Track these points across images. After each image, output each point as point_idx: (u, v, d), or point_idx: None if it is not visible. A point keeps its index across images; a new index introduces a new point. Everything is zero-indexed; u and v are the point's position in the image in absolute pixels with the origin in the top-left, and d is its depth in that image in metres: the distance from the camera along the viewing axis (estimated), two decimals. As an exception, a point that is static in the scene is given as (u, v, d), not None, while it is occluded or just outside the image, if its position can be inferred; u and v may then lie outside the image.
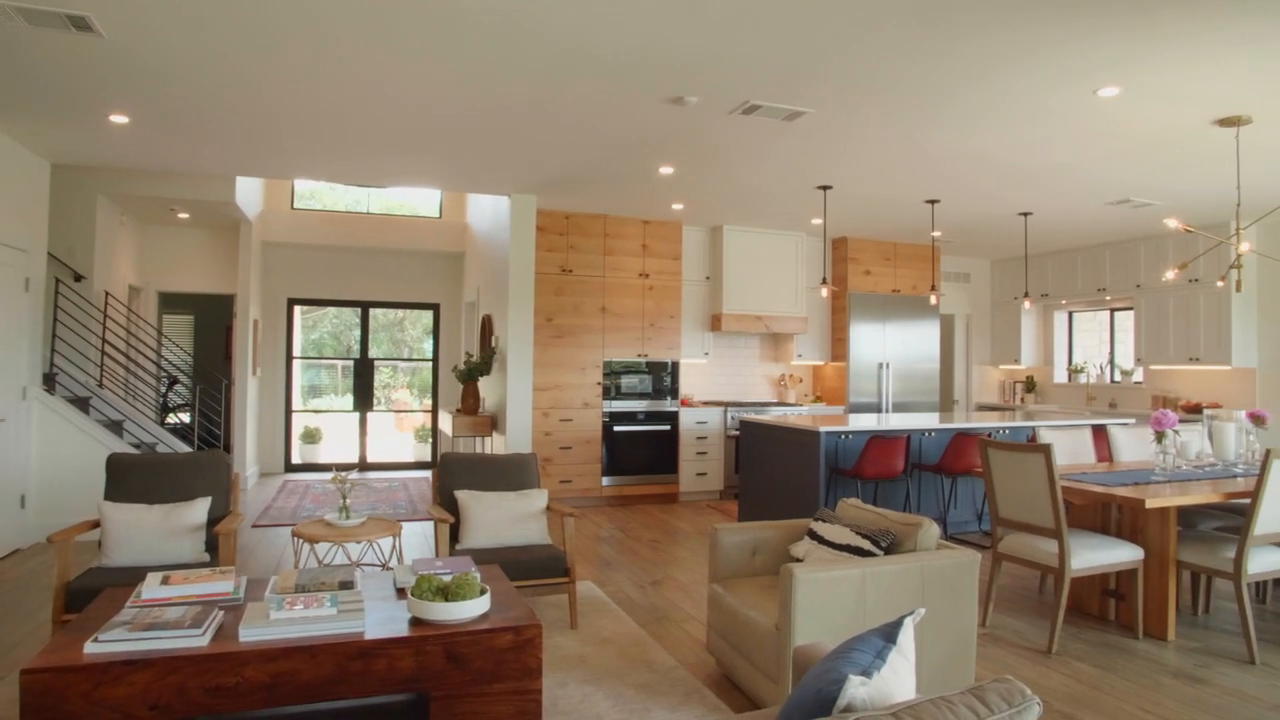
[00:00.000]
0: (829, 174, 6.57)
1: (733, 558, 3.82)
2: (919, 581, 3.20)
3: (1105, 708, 3.46)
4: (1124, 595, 4.56)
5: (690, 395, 9.21)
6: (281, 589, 3.00)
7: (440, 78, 4.48)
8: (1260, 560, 4.17)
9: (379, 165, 6.49)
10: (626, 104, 4.89)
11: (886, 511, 3.61)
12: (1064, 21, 3.65)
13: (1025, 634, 4.42)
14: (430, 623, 2.78)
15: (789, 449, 6.55)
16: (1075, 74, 4.30)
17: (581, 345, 8.22)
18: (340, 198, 10.65)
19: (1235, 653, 4.13)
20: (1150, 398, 9.28)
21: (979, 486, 7.08)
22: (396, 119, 5.25)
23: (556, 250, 8.14)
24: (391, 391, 11.79)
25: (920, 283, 9.89)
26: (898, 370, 9.68)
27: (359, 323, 10.92)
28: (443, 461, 4.79)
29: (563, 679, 3.63)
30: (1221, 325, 8.32)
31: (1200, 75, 4.30)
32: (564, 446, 8.09)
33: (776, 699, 3.09)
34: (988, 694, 1.41)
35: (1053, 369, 10.84)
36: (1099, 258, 9.68)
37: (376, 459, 10.95)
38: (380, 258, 10.74)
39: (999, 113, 4.96)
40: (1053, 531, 4.19)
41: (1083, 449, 5.80)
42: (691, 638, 4.28)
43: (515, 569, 4.11)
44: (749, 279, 9.02)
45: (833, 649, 1.72)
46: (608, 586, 5.25)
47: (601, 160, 6.24)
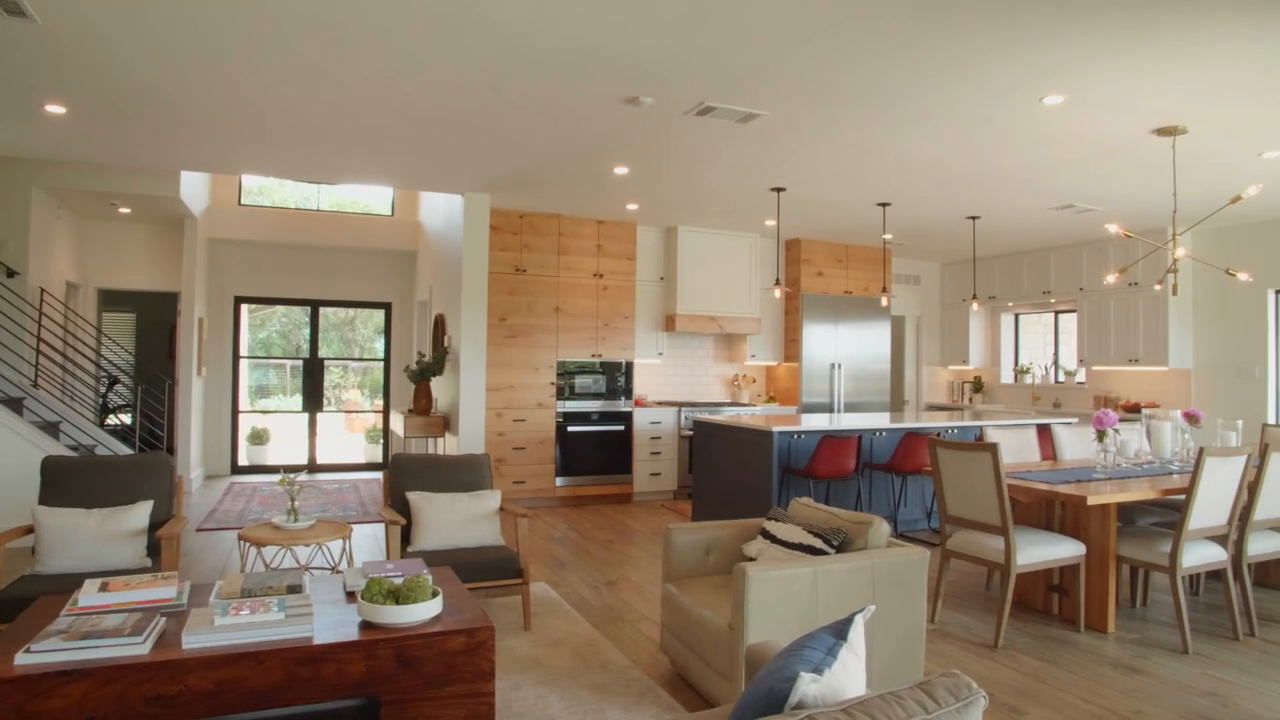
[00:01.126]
0: (782, 176, 6.63)
1: (686, 557, 3.83)
2: (870, 579, 3.24)
3: (1048, 699, 3.55)
4: (1067, 590, 4.68)
5: (644, 395, 9.22)
6: (227, 594, 2.93)
7: (392, 73, 4.42)
8: (1194, 554, 4.31)
9: (330, 161, 6.38)
10: (581, 103, 4.88)
11: (838, 510, 3.65)
12: (1011, 29, 3.73)
13: (973, 629, 4.51)
14: (381, 626, 2.74)
15: (742, 449, 6.60)
16: (1022, 81, 4.40)
17: (535, 345, 8.18)
18: (290, 194, 10.45)
19: (1171, 643, 4.27)
20: (1092, 398, 9.54)
21: (928, 485, 7.20)
22: (348, 115, 5.16)
23: (510, 250, 8.09)
24: (342, 392, 11.60)
25: (872, 284, 10.03)
26: (849, 371, 9.81)
27: (308, 322, 10.73)
28: (394, 462, 4.73)
29: (516, 681, 3.60)
30: (1159, 328, 8.59)
31: (1140, 86, 4.43)
32: (517, 447, 8.05)
33: (730, 697, 3.11)
34: (935, 688, 1.43)
35: (1000, 369, 11.08)
36: (1044, 261, 9.92)
37: (326, 460, 10.76)
38: (331, 255, 10.56)
39: (948, 118, 5.05)
40: (999, 529, 4.28)
41: (1028, 448, 5.94)
42: (645, 638, 4.28)
43: (468, 571, 4.07)
44: (703, 280, 9.06)
45: (785, 647, 1.74)
46: (561, 587, 5.23)
47: (556, 160, 6.22)
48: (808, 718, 1.34)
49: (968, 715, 1.40)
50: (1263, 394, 8.05)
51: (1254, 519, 4.50)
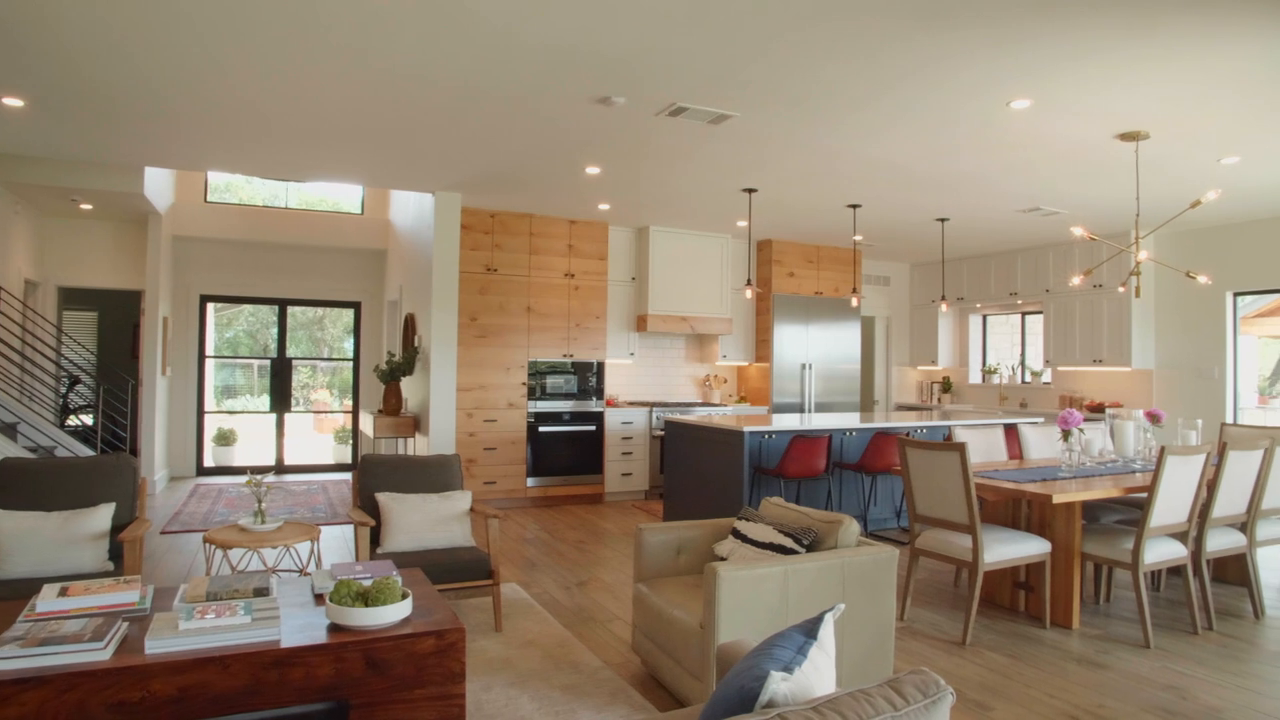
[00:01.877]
0: (754, 177, 6.66)
1: (658, 557, 3.83)
2: (840, 578, 3.26)
3: (1015, 695, 3.60)
4: (1033, 587, 4.75)
5: (616, 395, 9.22)
6: (191, 597, 2.89)
7: (362, 69, 4.38)
8: (1156, 551, 4.39)
9: (298, 159, 6.30)
10: (553, 102, 4.86)
11: (808, 510, 3.67)
12: (980, 34, 3.77)
13: (941, 626, 4.56)
14: (350, 629, 2.71)
15: (713, 449, 6.61)
16: (990, 85, 4.45)
17: (506, 345, 8.14)
18: (257, 191, 10.31)
19: (1133, 638, 4.35)
20: (1058, 398, 9.69)
21: (898, 484, 7.27)
22: (317, 111, 5.10)
23: (481, 249, 8.04)
24: (310, 392, 11.48)
25: (842, 285, 10.11)
26: (820, 371, 9.88)
27: (276, 321, 10.59)
28: (363, 463, 4.68)
29: (487, 682, 3.58)
30: (1122, 329, 8.75)
31: (1104, 92, 4.50)
32: (488, 447, 8.00)
33: (701, 697, 3.11)
34: (904, 685, 1.44)
35: (968, 370, 11.22)
36: (1011, 263, 10.06)
37: (294, 461, 10.63)
38: (299, 254, 10.43)
39: (918, 121, 5.10)
40: (967, 527, 4.33)
41: (995, 447, 6.02)
42: (617, 638, 4.28)
43: (438, 572, 4.04)
44: (675, 280, 9.08)
45: (756, 646, 1.74)
46: (533, 588, 5.21)
47: (528, 159, 6.19)
48: (778, 716, 1.35)
49: (935, 712, 1.42)
50: (1221, 394, 8.23)
51: (1212, 516, 4.59)
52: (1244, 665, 4.00)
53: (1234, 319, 8.31)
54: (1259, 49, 3.88)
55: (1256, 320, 11.43)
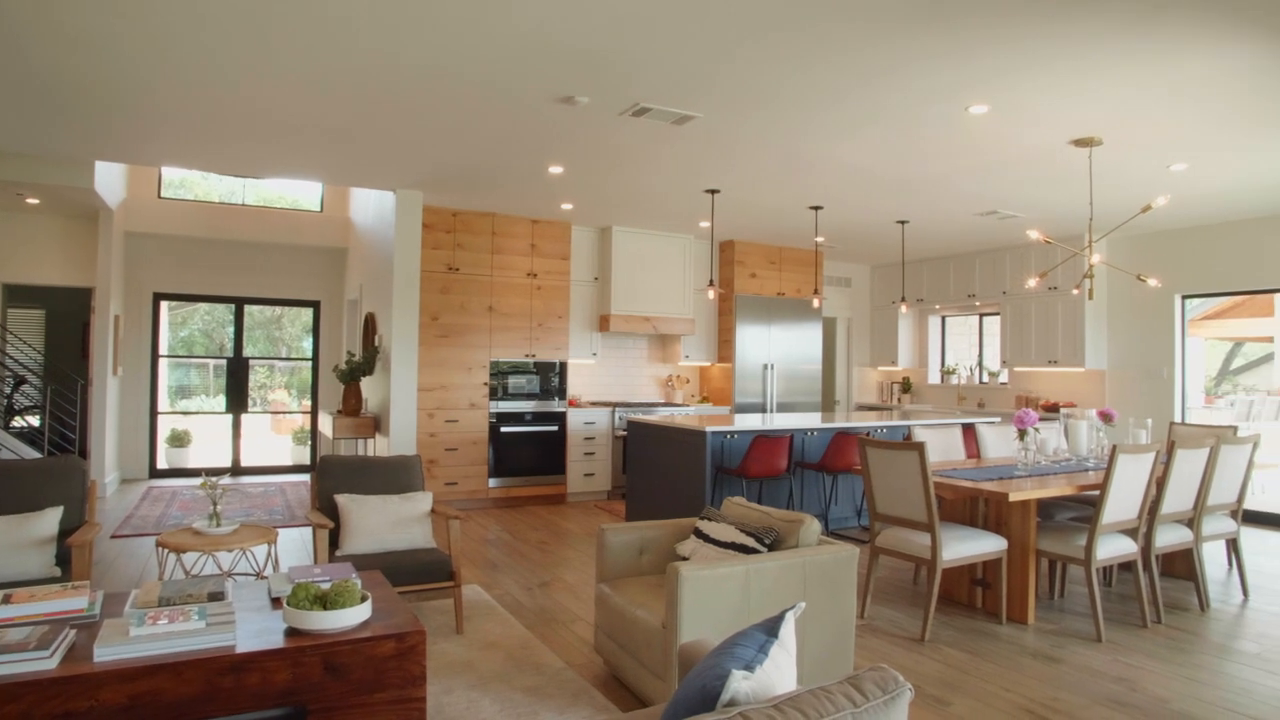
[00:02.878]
0: (717, 178, 6.69)
1: (620, 558, 3.83)
2: (801, 576, 3.28)
3: (972, 689, 3.66)
4: (990, 583, 4.83)
5: (578, 396, 9.20)
6: (143, 603, 2.82)
7: (321, 64, 4.31)
8: (1107, 547, 4.49)
9: (254, 155, 6.19)
10: (516, 101, 4.83)
11: (770, 509, 3.69)
12: (938, 40, 3.83)
13: (901, 623, 4.61)
14: (307, 633, 2.67)
15: (676, 449, 6.63)
16: (949, 91, 4.52)
17: (468, 345, 8.08)
18: (213, 187, 10.12)
19: (1086, 632, 4.44)
20: (1014, 397, 9.87)
21: (859, 484, 7.35)
22: (271, 107, 5.02)
23: (443, 248, 7.98)
24: (268, 392, 11.29)
25: (804, 286, 10.19)
26: (782, 371, 9.95)
27: (233, 320, 10.40)
28: (322, 464, 4.62)
29: (448, 685, 3.55)
30: (1077, 330, 8.93)
31: (1059, 98, 4.60)
32: (450, 448, 7.94)
33: (664, 696, 3.11)
34: (863, 682, 1.46)
35: (927, 370, 11.38)
36: (970, 265, 10.23)
37: (251, 463, 10.44)
38: (257, 252, 10.25)
39: (879, 124, 5.16)
40: (926, 525, 4.39)
41: (953, 446, 6.11)
42: (579, 639, 4.26)
43: (398, 574, 4.00)
44: (637, 280, 9.08)
45: (717, 645, 1.75)
46: (494, 589, 5.18)
47: (490, 157, 6.15)
48: (739, 715, 1.35)
49: (894, 708, 1.43)
50: (1170, 394, 8.44)
51: (1161, 513, 4.71)
52: (1190, 657, 4.11)
53: (1182, 321, 8.53)
54: (1207, 60, 3.99)
55: (1204, 323, 11.77)
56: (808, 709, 1.36)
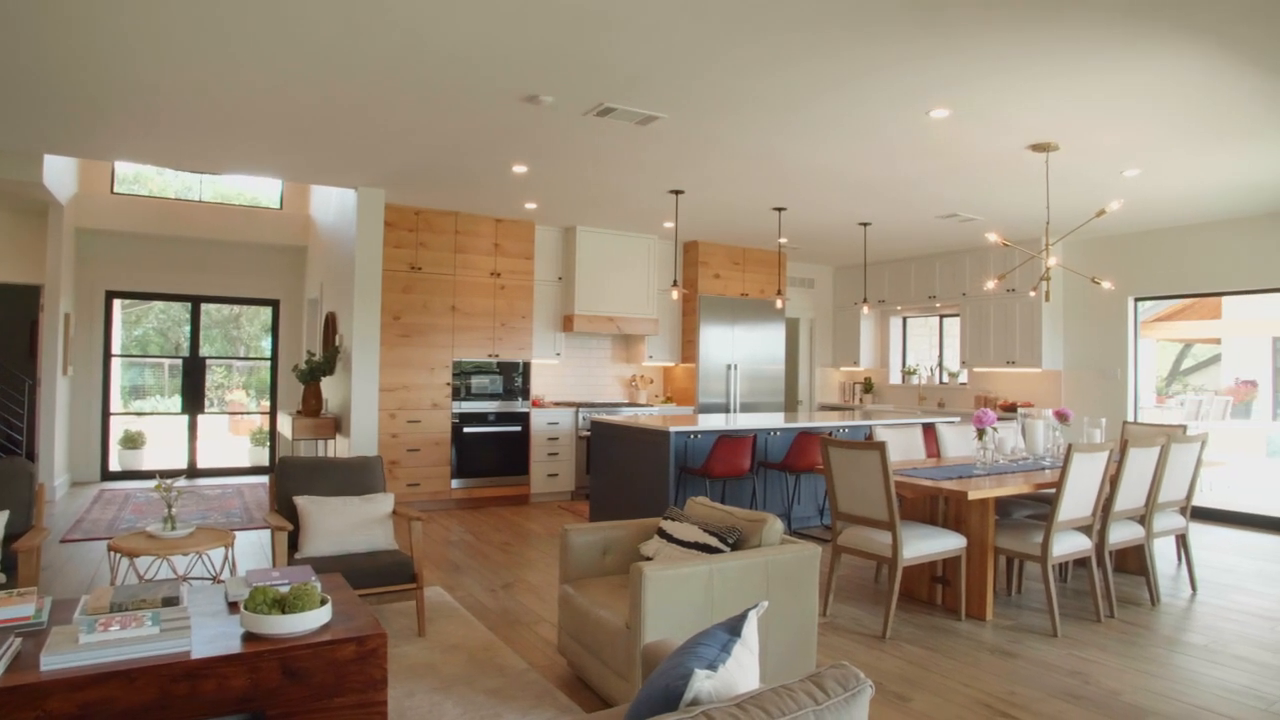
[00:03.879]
0: (681, 179, 6.70)
1: (583, 558, 3.82)
2: (763, 576, 3.30)
3: (932, 685, 3.71)
4: (949, 581, 4.90)
5: (542, 396, 9.16)
6: (94, 609, 2.75)
7: (281, 60, 4.24)
8: (1063, 544, 4.58)
9: (211, 150, 6.07)
10: (480, 100, 4.80)
11: (733, 509, 3.71)
12: (900, 46, 3.87)
13: (862, 621, 4.66)
14: (266, 637, 2.62)
15: (639, 449, 6.63)
16: (911, 95, 4.57)
17: (430, 345, 8.01)
18: (169, 183, 9.91)
19: (1042, 627, 4.53)
20: (973, 397, 10.03)
21: (821, 483, 7.41)
22: (227, 100, 4.92)
23: (405, 247, 7.90)
24: (226, 392, 11.09)
25: (767, 287, 10.26)
26: (745, 371, 10.00)
27: (189, 318, 10.19)
28: (281, 466, 4.54)
29: (410, 689, 3.52)
30: (1034, 332, 9.10)
31: (1017, 104, 4.68)
32: (412, 449, 7.86)
33: (627, 697, 3.11)
34: (825, 680, 1.47)
35: (888, 371, 11.51)
36: (930, 267, 10.37)
37: (208, 464, 10.24)
38: (214, 249, 10.05)
39: (841, 128, 5.21)
40: (887, 524, 4.45)
41: (914, 446, 6.19)
42: (543, 640, 4.25)
43: (359, 577, 3.95)
44: (601, 280, 9.07)
45: (680, 645, 1.75)
46: (457, 591, 5.14)
47: (453, 156, 6.10)
48: (703, 714, 1.35)
49: (855, 705, 1.45)
50: (1123, 394, 8.64)
51: (1115, 510, 4.81)
52: (1141, 650, 4.21)
53: (1135, 323, 8.73)
54: (1158, 70, 4.09)
55: (1155, 324, 12.06)
56: (770, 707, 1.37)
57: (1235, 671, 3.93)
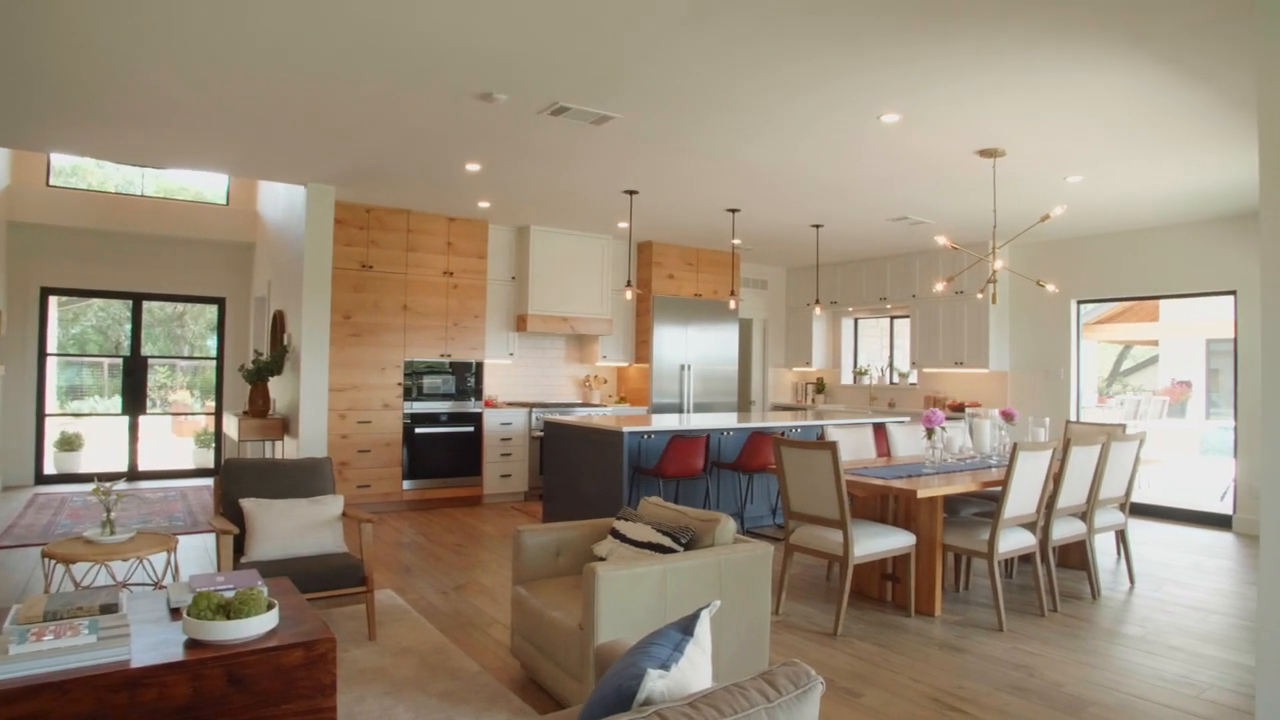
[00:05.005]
0: (635, 179, 6.70)
1: (536, 559, 3.80)
2: (716, 575, 3.32)
3: (883, 681, 3.76)
4: (899, 578, 4.98)
5: (495, 396, 9.09)
6: (26, 618, 2.65)
7: (228, 54, 4.14)
8: (1009, 540, 4.68)
9: (155, 144, 5.89)
10: (432, 97, 4.74)
11: (686, 509, 3.72)
12: (853, 50, 3.91)
13: (814, 619, 4.71)
14: (210, 644, 2.56)
15: (593, 449, 6.62)
16: (863, 99, 4.63)
17: (382, 344, 7.90)
18: (109, 176, 9.62)
19: (989, 622, 4.62)
20: (923, 398, 10.20)
21: (774, 483, 7.47)
22: (172, 92, 4.78)
23: (356, 245, 7.77)
24: (169, 393, 10.80)
25: (721, 288, 10.32)
26: (699, 372, 10.05)
27: (130, 316, 9.90)
28: (226, 468, 4.44)
29: (360, 694, 3.46)
30: (981, 333, 9.30)
31: (966, 110, 4.77)
32: (362, 450, 7.74)
33: (580, 698, 3.10)
34: (776, 677, 1.48)
35: (840, 371, 11.66)
36: (881, 269, 10.52)
37: (150, 467, 9.96)
38: (157, 245, 9.78)
39: (795, 130, 5.25)
40: (838, 523, 4.50)
41: (865, 445, 6.27)
42: (496, 642, 4.21)
43: (308, 580, 3.87)
44: (555, 280, 9.04)
45: (633, 645, 1.75)
46: (409, 594, 5.07)
47: (405, 153, 6.02)
48: (655, 714, 1.35)
49: (806, 701, 1.46)
50: (1066, 394, 8.87)
51: (1058, 507, 4.93)
52: (1083, 642, 4.32)
53: (1077, 325, 8.97)
54: (1099, 80, 4.20)
55: (1097, 326, 12.41)
56: (722, 706, 1.38)
57: (1169, 661, 4.06)
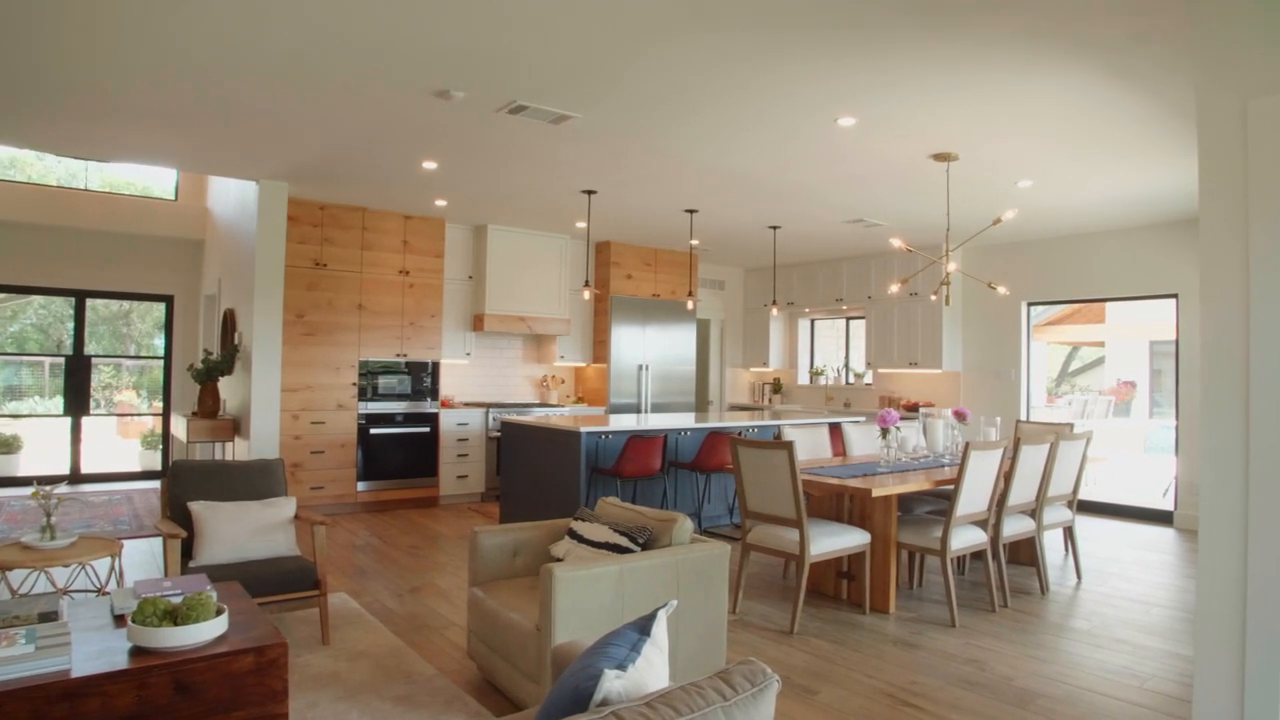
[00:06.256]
0: (594, 179, 6.69)
1: (493, 560, 3.77)
2: (674, 575, 3.33)
3: (838, 678, 3.80)
4: (854, 576, 5.04)
5: (451, 396, 9.01)
6: (-40, 625, 2.56)
7: (176, 43, 4.03)
8: (961, 538, 4.77)
9: (99, 136, 5.72)
10: (389, 92, 4.68)
11: (644, 509, 3.72)
12: (810, 54, 3.94)
13: (771, 617, 4.75)
14: (156, 651, 2.49)
15: (550, 449, 6.59)
16: (820, 102, 4.68)
17: (336, 344, 7.78)
18: (51, 169, 9.34)
19: (942, 618, 4.70)
20: (878, 398, 10.34)
21: (731, 482, 7.50)
22: (120, 86, 4.64)
23: (310, 242, 7.64)
24: (114, 393, 10.51)
25: (679, 288, 10.35)
26: (656, 372, 10.06)
27: (73, 314, 9.61)
28: (174, 469, 4.33)
29: (313, 699, 3.40)
30: (935, 334, 9.45)
31: (921, 115, 4.84)
32: (316, 451, 7.62)
33: (538, 700, 3.08)
34: (733, 676, 1.48)
35: (797, 371, 11.77)
36: (837, 271, 10.64)
37: (94, 469, 9.67)
38: (102, 241, 9.50)
39: (753, 132, 5.29)
40: (794, 521, 4.54)
41: (821, 445, 6.34)
42: (452, 644, 4.17)
43: (259, 584, 3.80)
44: (513, 280, 8.99)
45: (590, 645, 1.74)
46: (363, 597, 5.00)
47: (361, 150, 5.94)
48: (612, 714, 1.35)
49: (762, 700, 1.47)
50: (1016, 394, 9.05)
51: (1008, 504, 5.03)
52: (1032, 637, 4.41)
53: (1027, 327, 9.16)
54: (1046, 87, 4.30)
55: (1046, 328, 12.69)
56: (679, 705, 1.38)
57: (1115, 653, 4.17)
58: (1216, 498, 2.73)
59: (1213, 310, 2.77)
